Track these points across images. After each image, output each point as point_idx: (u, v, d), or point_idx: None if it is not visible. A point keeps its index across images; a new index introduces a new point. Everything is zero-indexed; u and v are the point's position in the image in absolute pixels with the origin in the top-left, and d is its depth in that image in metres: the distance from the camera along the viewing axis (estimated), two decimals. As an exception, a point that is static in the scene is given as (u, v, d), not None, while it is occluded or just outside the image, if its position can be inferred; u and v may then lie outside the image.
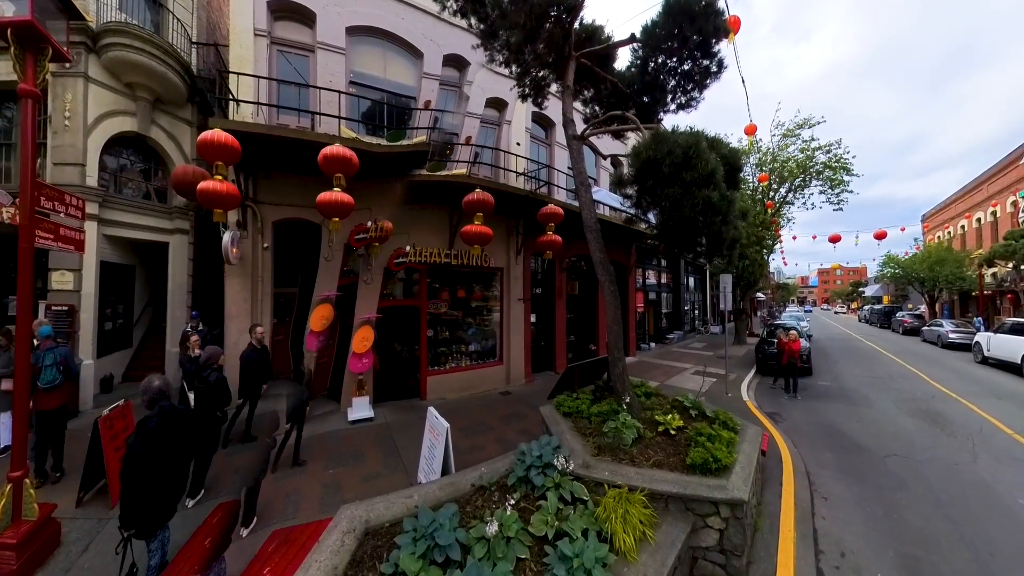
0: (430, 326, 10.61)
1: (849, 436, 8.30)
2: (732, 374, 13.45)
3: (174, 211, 10.70)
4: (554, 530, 3.45)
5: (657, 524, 3.89)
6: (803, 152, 20.85)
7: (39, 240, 4.80)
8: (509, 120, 12.55)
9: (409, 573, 2.84)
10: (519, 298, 12.21)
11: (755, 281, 22.49)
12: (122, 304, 10.60)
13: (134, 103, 9.66)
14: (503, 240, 11.76)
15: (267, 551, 4.00)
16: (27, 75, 4.31)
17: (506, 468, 4.47)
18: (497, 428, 8.25)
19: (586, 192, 6.50)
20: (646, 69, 7.44)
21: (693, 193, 5.51)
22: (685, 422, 5.77)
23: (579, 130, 7.24)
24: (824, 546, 4.77)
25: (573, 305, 15.24)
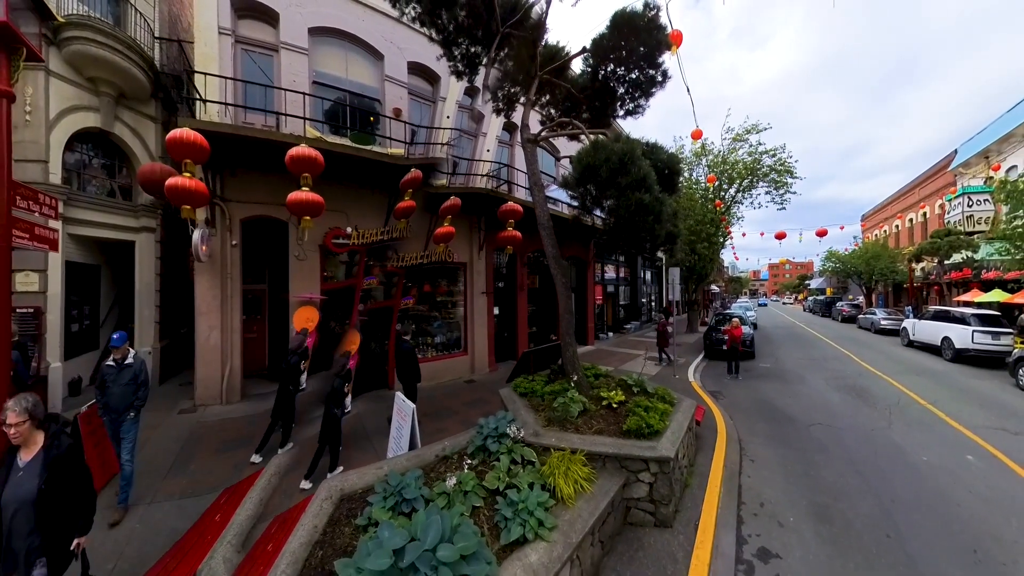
0: (398, 321, 11.01)
1: (781, 409, 9.23)
2: (682, 359, 14.49)
3: (140, 209, 10.55)
4: (505, 484, 4.09)
5: (594, 479, 4.57)
6: (751, 155, 22.17)
7: (16, 240, 4.93)
8: (485, 132, 13.24)
9: (380, 520, 3.41)
10: (482, 291, 12.84)
11: (706, 274, 24.00)
12: (88, 305, 10.34)
13: (97, 98, 9.43)
14: (466, 236, 12.31)
15: (270, 532, 4.54)
16: (1, 75, 4.45)
17: (466, 441, 5.09)
18: (461, 412, 8.80)
19: (539, 192, 7.11)
20: (597, 76, 8.10)
21: (628, 195, 6.19)
22: (627, 397, 6.50)
23: (534, 133, 7.84)
24: (747, 499, 5.48)
25: (534, 298, 15.98)
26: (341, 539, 3.51)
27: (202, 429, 7.72)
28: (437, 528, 2.74)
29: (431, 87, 12.51)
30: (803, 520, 5.02)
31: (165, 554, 4.09)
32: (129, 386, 5.41)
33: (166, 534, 4.66)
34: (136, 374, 5.50)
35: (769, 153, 21.95)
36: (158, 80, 10.43)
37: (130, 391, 5.42)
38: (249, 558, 4.20)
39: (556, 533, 3.64)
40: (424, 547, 2.55)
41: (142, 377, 5.55)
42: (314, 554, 3.34)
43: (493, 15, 6.86)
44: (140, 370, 5.56)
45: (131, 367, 5.49)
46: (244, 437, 7.28)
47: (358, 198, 10.16)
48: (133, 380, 5.46)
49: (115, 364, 5.45)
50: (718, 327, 16.30)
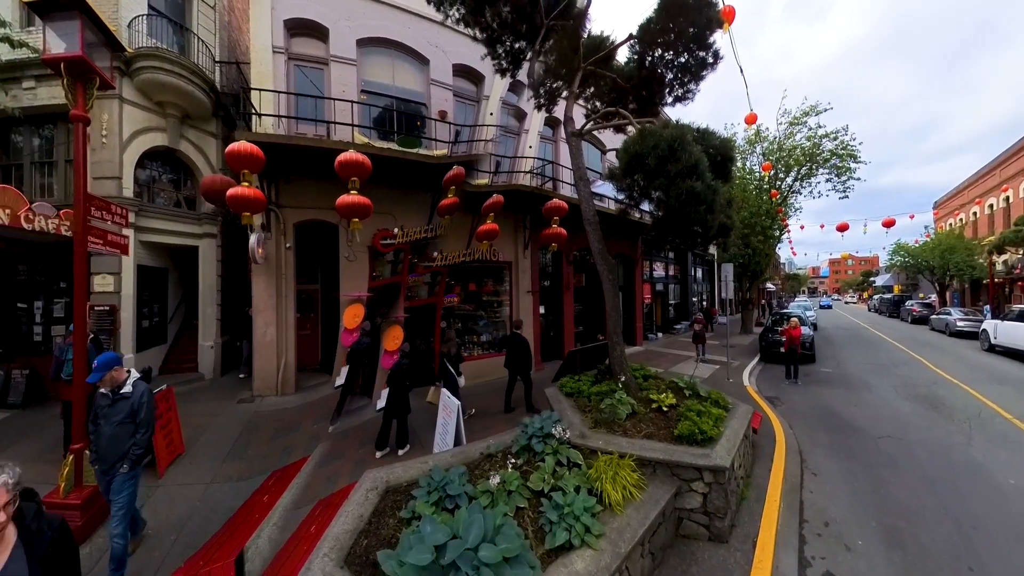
0: (443, 319, 11.21)
1: (845, 418, 8.54)
2: (736, 361, 13.86)
3: (203, 217, 11.44)
4: (550, 486, 3.99)
5: (644, 486, 4.35)
6: (809, 140, 20.65)
7: (91, 245, 5.46)
8: (527, 129, 13.20)
9: (423, 514, 3.40)
10: (528, 290, 12.78)
11: (761, 271, 22.62)
12: (157, 304, 11.43)
13: (164, 120, 10.41)
14: (511, 235, 12.31)
15: (314, 514, 4.73)
16: (78, 102, 4.96)
17: (511, 439, 5.02)
18: (503, 412, 8.68)
19: (585, 187, 6.98)
20: (644, 63, 7.84)
21: (677, 184, 5.89)
22: (678, 401, 6.18)
23: (579, 127, 7.70)
24: (809, 516, 5.06)
25: (581, 297, 15.72)
26: (385, 530, 3.54)
27: (258, 418, 8.21)
28: (479, 527, 2.69)
29: (476, 87, 12.63)
30: (873, 544, 4.57)
31: (219, 530, 4.34)
32: (125, 425, 4.14)
33: (224, 511, 4.95)
34: (134, 408, 4.18)
35: (830, 136, 20.31)
36: (218, 100, 11.22)
37: (125, 433, 4.14)
38: (294, 537, 4.38)
39: (604, 541, 3.50)
40: (466, 545, 2.51)
41: (143, 414, 4.21)
42: (359, 543, 3.38)
43: (537, 8, 6.78)
44: (140, 404, 4.21)
45: (128, 399, 4.19)
46: (295, 425, 7.76)
47: (404, 200, 10.38)
48: (130, 418, 4.16)
49: (108, 394, 4.21)
50: (775, 328, 15.54)
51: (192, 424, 7.57)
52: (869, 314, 42.75)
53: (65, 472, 4.76)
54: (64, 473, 4.75)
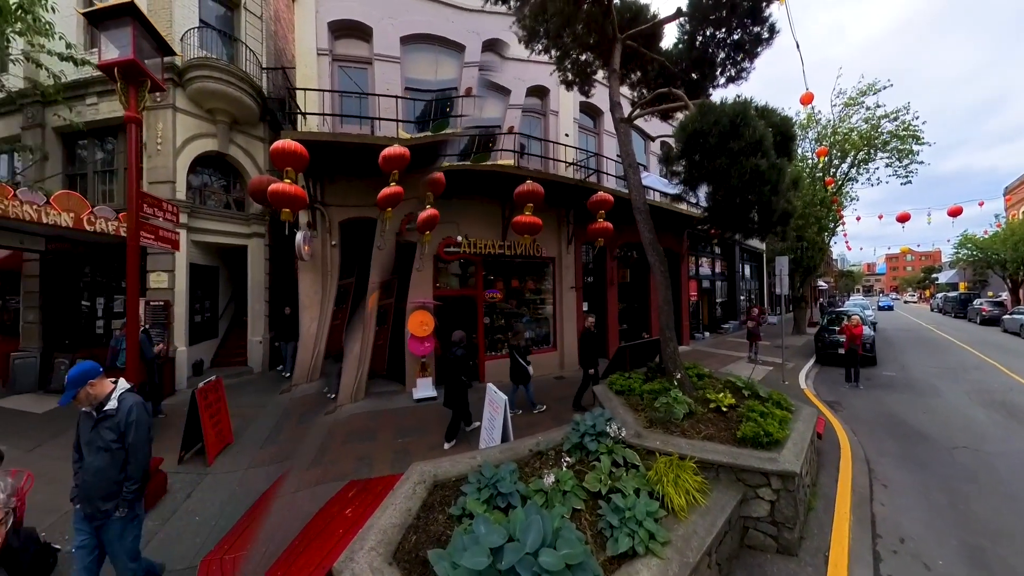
0: (486, 314, 11.16)
1: (914, 426, 7.94)
2: (790, 363, 13.14)
3: (251, 217, 11.91)
4: (607, 487, 3.73)
5: (707, 491, 4.03)
6: (867, 122, 19.16)
7: (143, 239, 5.77)
8: (555, 111, 12.81)
9: (475, 513, 3.23)
10: (571, 286, 12.50)
11: (815, 267, 21.29)
12: (208, 300, 12.04)
13: (214, 126, 10.90)
14: (554, 230, 12.07)
15: (347, 496, 4.68)
16: (130, 104, 5.16)
17: (561, 437, 4.78)
18: (552, 408, 8.56)
19: (635, 174, 6.68)
20: (694, 44, 7.50)
21: (740, 162, 5.53)
22: (737, 401, 5.82)
23: (626, 113, 7.37)
24: (882, 531, 4.69)
25: (624, 294, 15.30)
26: (435, 526, 3.38)
27: (335, 424, 8.09)
28: (538, 529, 2.49)
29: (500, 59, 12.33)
30: (954, 564, 4.12)
31: (293, 540, 4.16)
32: (114, 453, 3.24)
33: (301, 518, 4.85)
34: (122, 430, 3.27)
35: (890, 116, 18.77)
36: (265, 105, 11.62)
37: (114, 463, 3.24)
38: (324, 514, 4.40)
39: (670, 549, 3.22)
40: (525, 550, 2.31)
41: (132, 436, 3.28)
42: (407, 538, 3.23)
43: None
44: (128, 423, 3.28)
45: (113, 418, 3.28)
46: (369, 430, 7.67)
47: (468, 208, 10.55)
48: (119, 442, 3.25)
49: (92, 413, 3.31)
50: (831, 327, 14.66)
51: (241, 415, 7.87)
52: (932, 314, 39.57)
53: None
54: None
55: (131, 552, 3.37)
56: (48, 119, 10.63)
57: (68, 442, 6.67)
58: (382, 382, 10.63)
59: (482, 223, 10.92)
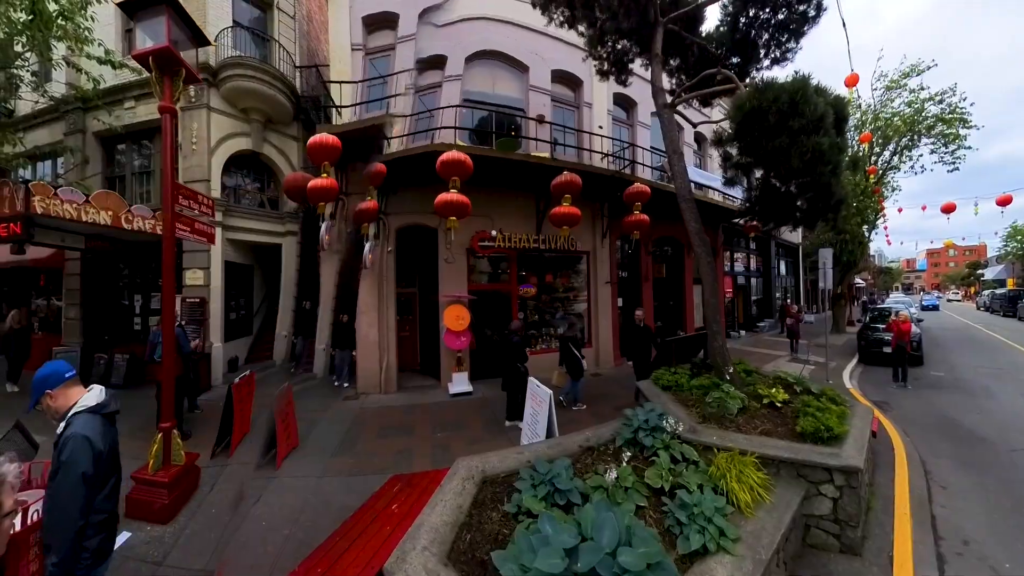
0: (520, 310, 11.02)
1: (968, 428, 7.58)
2: (832, 362, 12.63)
3: (285, 216, 12.00)
4: (669, 483, 3.54)
5: (771, 488, 3.85)
6: (910, 105, 18.15)
7: (179, 231, 5.69)
8: (589, 102, 12.59)
9: (534, 510, 3.05)
10: (606, 281, 12.24)
11: (855, 262, 20.30)
12: (243, 298, 12.12)
13: (248, 125, 10.98)
14: (588, 223, 11.77)
15: (391, 491, 4.51)
16: (165, 95, 5.10)
17: (611, 433, 4.58)
18: (591, 405, 8.39)
19: (679, 161, 6.45)
20: (736, 25, 7.26)
21: (801, 141, 5.26)
22: (790, 397, 5.56)
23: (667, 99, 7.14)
24: (944, 533, 4.50)
25: (659, 290, 14.92)
26: (489, 525, 3.20)
27: (365, 415, 8.20)
28: (612, 528, 2.31)
29: (573, 92, 12.64)
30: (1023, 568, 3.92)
31: (334, 532, 4.04)
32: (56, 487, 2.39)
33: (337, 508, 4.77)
34: (63, 464, 2.38)
35: (934, 99, 17.72)
36: (299, 104, 11.65)
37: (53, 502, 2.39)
38: (368, 509, 4.23)
39: (741, 546, 3.03)
40: (605, 550, 2.13)
41: (56, 482, 2.39)
42: (461, 537, 3.05)
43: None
44: (61, 462, 2.39)
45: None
46: (402, 424, 7.66)
47: (503, 202, 10.51)
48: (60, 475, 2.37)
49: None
50: (875, 325, 14.10)
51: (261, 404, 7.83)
52: (978, 313, 37.81)
53: (154, 450, 4.86)
54: (153, 451, 4.86)
55: None
56: (88, 124, 11.07)
57: None
58: (416, 377, 10.63)
59: (516, 217, 10.82)
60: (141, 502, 4.64)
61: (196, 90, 10.10)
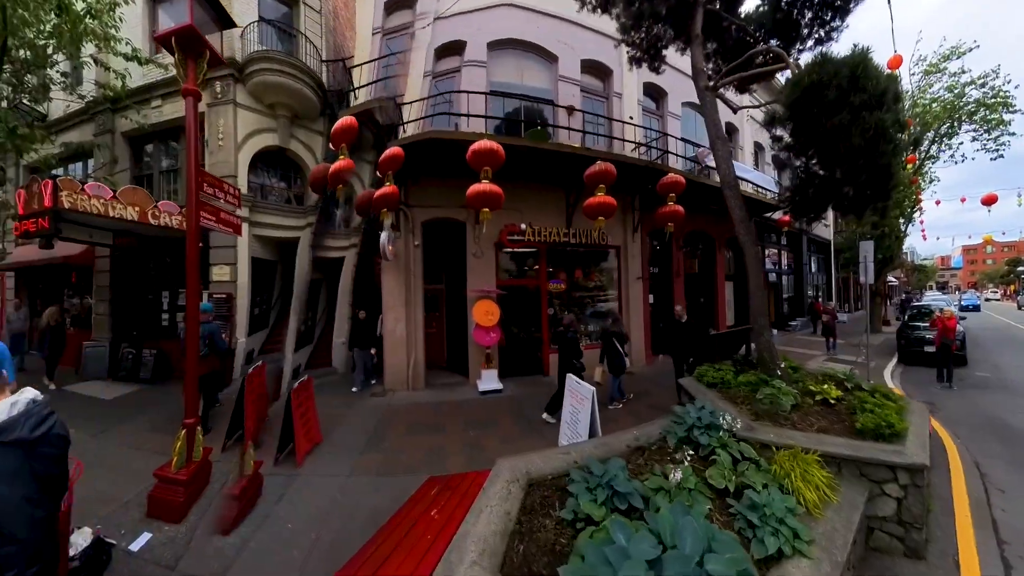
0: (548, 306, 10.80)
1: (1019, 429, 7.26)
2: (871, 362, 12.16)
3: (309, 211, 11.86)
4: (734, 484, 3.32)
5: (836, 487, 3.64)
6: (950, 90, 17.20)
7: (204, 220, 5.50)
8: (619, 92, 12.29)
9: (595, 516, 2.82)
10: (637, 277, 11.92)
11: (891, 257, 19.33)
12: (265, 293, 12.02)
13: (275, 120, 10.93)
14: (619, 218, 11.44)
15: (429, 494, 4.25)
16: (188, 77, 4.95)
17: (659, 431, 4.34)
18: (626, 404, 8.16)
19: (723, 147, 6.20)
20: (778, 5, 6.98)
21: (863, 118, 4.93)
22: (842, 393, 5.30)
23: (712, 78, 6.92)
24: (1007, 537, 4.30)
25: (690, 287, 14.48)
26: (543, 534, 2.93)
27: (391, 412, 8.03)
28: (694, 533, 2.09)
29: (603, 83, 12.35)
30: None
31: (369, 540, 3.78)
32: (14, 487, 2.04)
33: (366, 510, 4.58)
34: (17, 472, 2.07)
35: (976, 82, 16.62)
36: (326, 99, 11.57)
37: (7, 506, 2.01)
38: (406, 515, 3.97)
39: (816, 549, 2.82)
40: (694, 558, 1.90)
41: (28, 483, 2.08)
42: (513, 547, 2.79)
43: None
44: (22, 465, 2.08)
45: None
46: (431, 422, 7.45)
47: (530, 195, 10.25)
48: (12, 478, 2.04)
49: None
50: (915, 323, 13.53)
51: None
52: (1020, 312, 36.24)
53: (177, 447, 4.73)
54: (176, 448, 4.73)
55: None
56: (117, 125, 11.27)
57: (134, 428, 6.89)
58: (443, 374, 10.45)
59: (545, 210, 10.57)
60: (161, 500, 4.49)
61: (222, 86, 10.10)
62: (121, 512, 4.48)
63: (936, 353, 10.54)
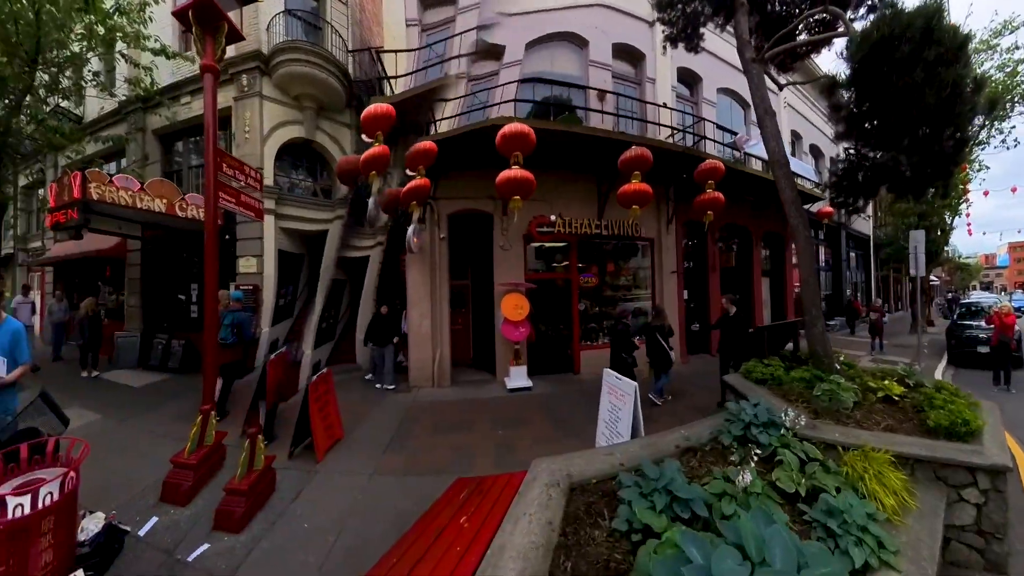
0: (579, 301, 10.46)
1: None
2: (919, 364, 11.52)
3: (336, 203, 11.87)
4: (804, 488, 2.97)
5: (912, 491, 3.26)
6: (1001, 69, 16.02)
7: (223, 201, 5.45)
8: (652, 78, 11.87)
9: (655, 527, 2.48)
10: (671, 271, 11.40)
11: (937, 252, 18.18)
12: (291, 284, 12.06)
13: (301, 113, 10.91)
14: (652, 209, 10.89)
15: (457, 498, 3.91)
16: (207, 52, 4.88)
17: (709, 431, 3.99)
18: (662, 405, 7.76)
19: (771, 121, 5.75)
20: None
21: (938, 74, 4.49)
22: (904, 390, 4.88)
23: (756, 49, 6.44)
24: None
25: (725, 282, 13.64)
26: (593, 547, 2.56)
27: (417, 410, 7.81)
28: (784, 546, 1.78)
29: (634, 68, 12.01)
30: None
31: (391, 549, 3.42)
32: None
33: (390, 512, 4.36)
34: None
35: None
36: (352, 90, 11.51)
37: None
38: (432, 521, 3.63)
39: (904, 560, 2.49)
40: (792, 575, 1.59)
41: None
42: (559, 564, 2.43)
43: None
44: None
45: None
46: (457, 420, 7.20)
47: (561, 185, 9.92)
48: None
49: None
50: (965, 322, 12.77)
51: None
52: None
53: (192, 433, 4.70)
54: (192, 434, 4.69)
55: None
56: (148, 123, 11.60)
57: (159, 416, 6.90)
58: (468, 371, 10.20)
59: (576, 201, 10.20)
60: (172, 485, 4.45)
61: (248, 79, 10.14)
62: (139, 498, 4.46)
63: (991, 353, 9.90)
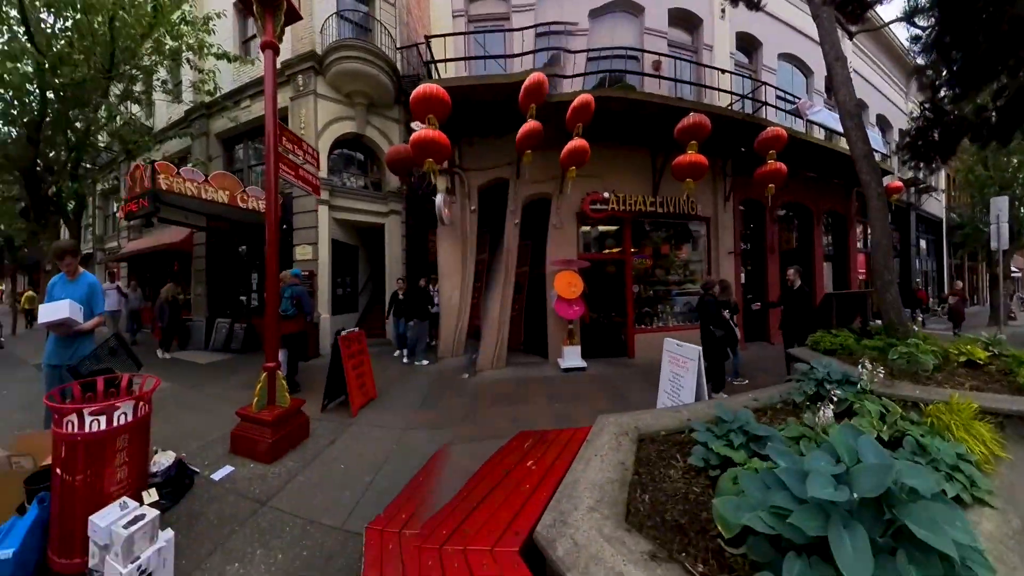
0: (633, 283, 10.25)
1: None
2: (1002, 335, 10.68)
3: (388, 196, 12.41)
4: (887, 434, 2.85)
5: (1003, 443, 3.03)
6: None
7: (283, 172, 5.61)
8: (709, 44, 11.51)
9: (735, 460, 2.46)
10: (729, 251, 10.88)
11: (1020, 231, 15.86)
12: (349, 276, 12.94)
13: (352, 109, 11.48)
14: (709, 184, 10.52)
15: (521, 447, 3.92)
16: (267, 30, 5.05)
17: (778, 395, 3.86)
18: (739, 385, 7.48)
19: (842, 69, 5.41)
20: None
21: None
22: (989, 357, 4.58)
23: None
24: None
25: (786, 265, 12.98)
26: (669, 484, 2.56)
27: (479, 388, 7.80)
28: (876, 452, 1.75)
29: (690, 36, 11.86)
30: None
31: (457, 494, 3.35)
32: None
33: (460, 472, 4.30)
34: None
35: None
36: (400, 85, 11.90)
37: None
38: (496, 465, 3.67)
39: (999, 500, 2.37)
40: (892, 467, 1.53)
41: None
42: (637, 496, 2.45)
43: None
44: None
45: None
46: (514, 394, 7.25)
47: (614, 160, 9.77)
48: None
49: None
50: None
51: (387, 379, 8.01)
52: None
53: (257, 389, 4.88)
54: (257, 390, 4.88)
55: None
56: (211, 128, 12.61)
57: (224, 387, 7.50)
58: (520, 355, 10.18)
59: (630, 176, 9.92)
60: (242, 438, 4.69)
61: (304, 79, 10.74)
62: (206, 448, 4.78)
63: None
